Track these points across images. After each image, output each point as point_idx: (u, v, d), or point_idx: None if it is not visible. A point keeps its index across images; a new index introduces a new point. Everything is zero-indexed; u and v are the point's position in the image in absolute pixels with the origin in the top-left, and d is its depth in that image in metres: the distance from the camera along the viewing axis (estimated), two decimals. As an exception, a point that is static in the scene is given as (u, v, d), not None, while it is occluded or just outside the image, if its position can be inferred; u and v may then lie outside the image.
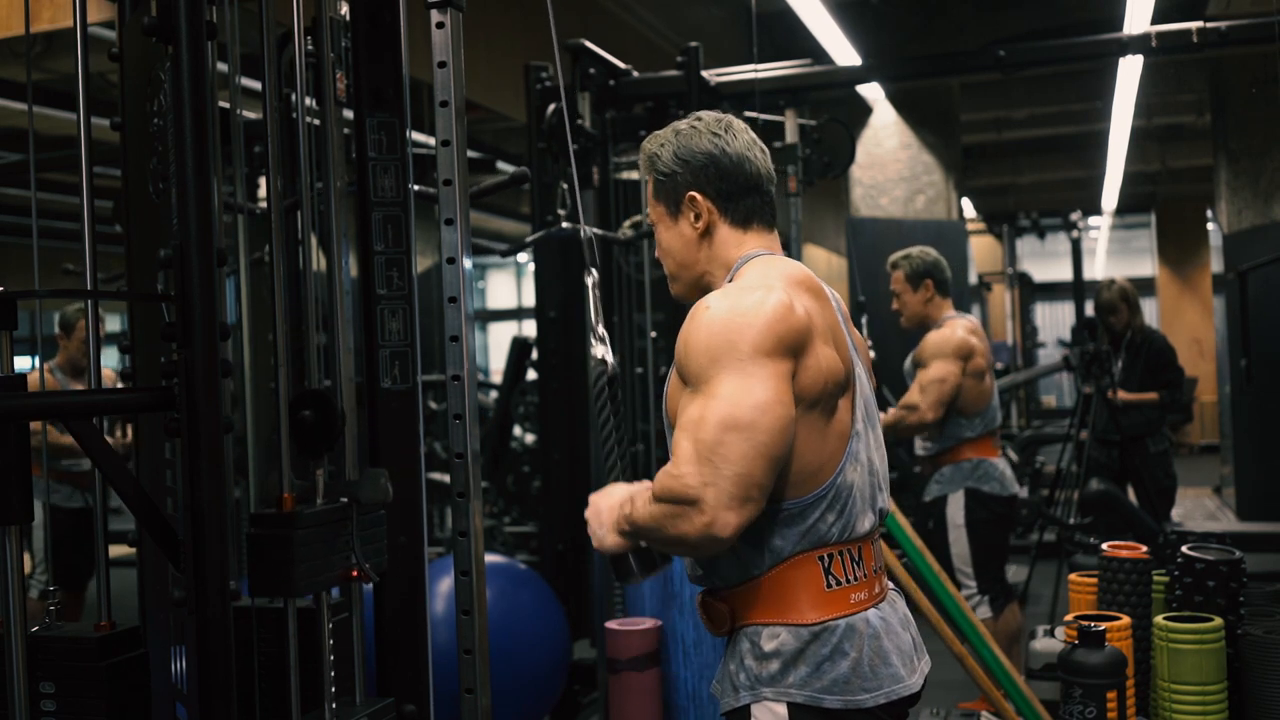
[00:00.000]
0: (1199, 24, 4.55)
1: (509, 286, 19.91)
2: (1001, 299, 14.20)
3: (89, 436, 1.45)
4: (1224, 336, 7.95)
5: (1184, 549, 2.62)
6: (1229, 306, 7.25)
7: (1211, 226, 8.46)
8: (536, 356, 4.94)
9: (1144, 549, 2.70)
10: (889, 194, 8.45)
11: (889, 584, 1.67)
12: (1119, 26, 5.70)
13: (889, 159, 8.48)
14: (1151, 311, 14.22)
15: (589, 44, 4.45)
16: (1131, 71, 7.48)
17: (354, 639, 1.82)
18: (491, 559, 3.65)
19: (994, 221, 14.31)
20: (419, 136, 2.84)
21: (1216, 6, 5.97)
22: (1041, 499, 6.33)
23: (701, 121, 1.71)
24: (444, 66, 1.92)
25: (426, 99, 2.02)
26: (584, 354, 3.94)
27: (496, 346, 17.74)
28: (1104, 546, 2.72)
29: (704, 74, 4.59)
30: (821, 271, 13.79)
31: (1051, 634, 2.84)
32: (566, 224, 3.76)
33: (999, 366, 11.35)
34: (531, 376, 6.27)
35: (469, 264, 1.95)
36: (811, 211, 9.78)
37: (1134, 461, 5.22)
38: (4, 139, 7.05)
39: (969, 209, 13.53)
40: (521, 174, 3.29)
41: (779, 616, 1.55)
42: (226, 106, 1.81)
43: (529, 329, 10.70)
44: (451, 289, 1.93)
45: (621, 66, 4.58)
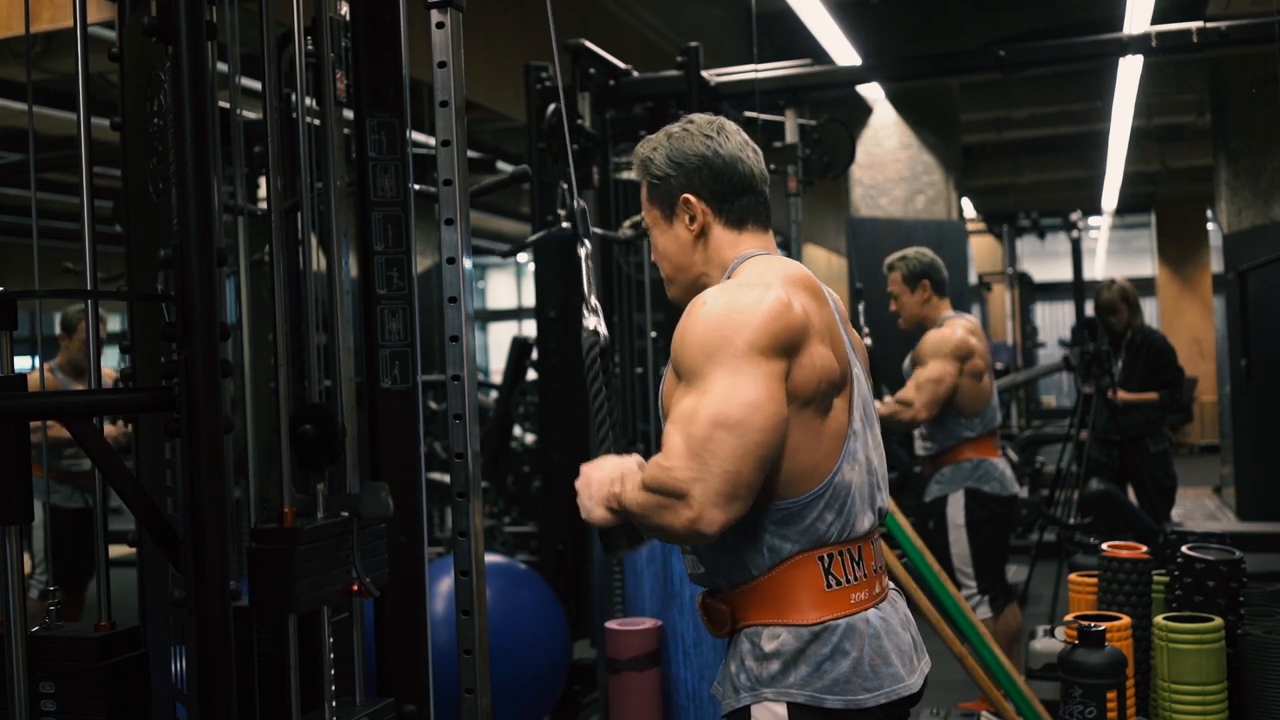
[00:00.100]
0: (1199, 24, 4.55)
1: (509, 286, 19.91)
2: (1001, 299, 14.20)
3: (89, 436, 1.45)
4: (1224, 336, 7.95)
5: (1184, 549, 2.61)
6: (1229, 306, 7.25)
7: (1211, 226, 8.46)
8: (536, 356, 4.94)
9: (1144, 549, 2.70)
10: (889, 194, 8.45)
11: (889, 584, 1.67)
12: (1119, 26, 5.69)
13: (889, 159, 8.48)
14: (1151, 311, 14.22)
15: (589, 44, 4.45)
16: (1131, 71, 7.48)
17: (354, 639, 1.82)
18: (491, 559, 3.65)
19: (994, 221, 14.30)
20: (419, 136, 2.84)
21: (1216, 6, 5.97)
22: (1041, 499, 6.33)
23: (694, 124, 1.71)
24: (444, 66, 1.92)
25: (426, 99, 2.02)
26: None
27: (496, 346, 17.74)
28: (1104, 546, 2.72)
29: (704, 74, 4.59)
30: (821, 271, 13.77)
31: (1051, 634, 2.84)
32: (566, 224, 3.76)
33: (999, 366, 11.35)
34: (531, 376, 6.27)
35: (469, 264, 1.95)
36: (811, 211, 9.78)
37: (1134, 461, 5.22)
38: (4, 139, 7.05)
39: (969, 209, 13.53)
40: (522, 172, 3.29)
41: (779, 617, 1.55)
42: (226, 106, 1.81)
43: (529, 329, 10.70)
44: (451, 289, 1.93)
45: (621, 66, 4.57)
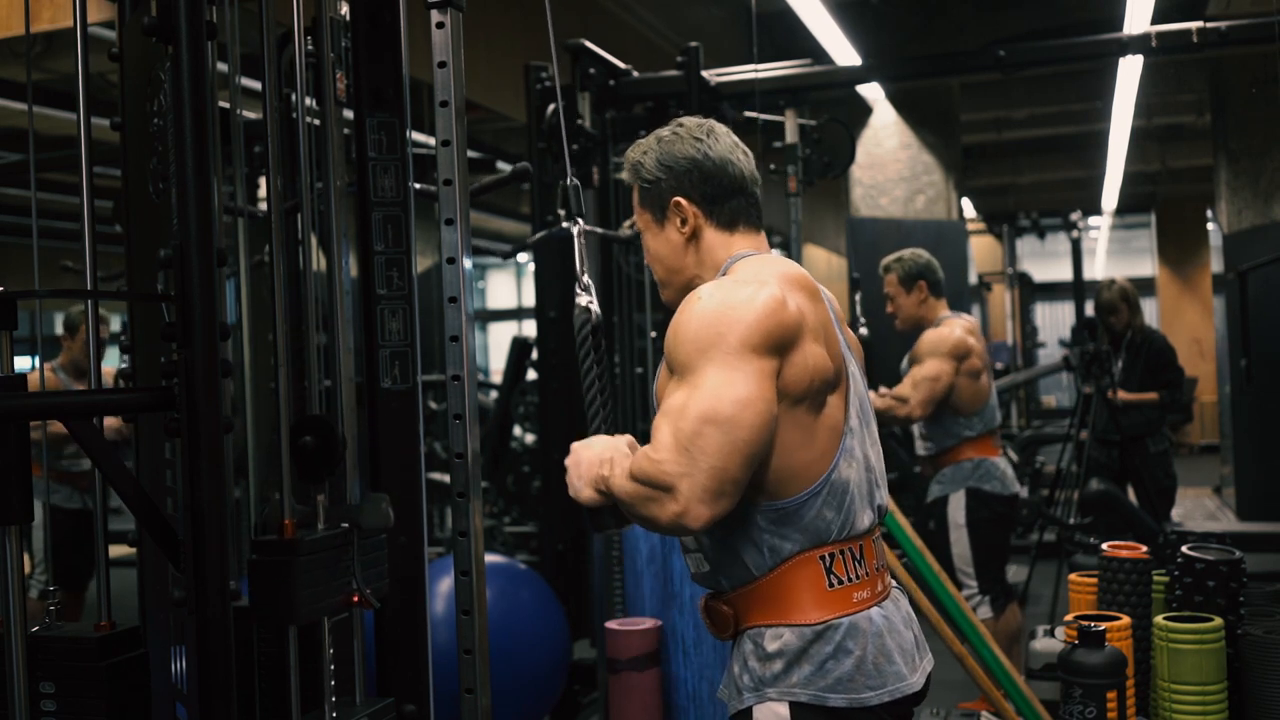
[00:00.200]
0: (1199, 24, 4.55)
1: (509, 286, 19.91)
2: (1001, 299, 14.19)
3: (89, 437, 1.45)
4: (1224, 336, 7.95)
5: (1184, 549, 2.61)
6: (1229, 306, 7.25)
7: (1211, 226, 8.46)
8: (536, 356, 4.94)
9: (1144, 549, 2.70)
10: (889, 194, 8.45)
11: (891, 582, 1.67)
12: (1119, 26, 5.69)
13: (889, 159, 8.48)
14: (1151, 311, 14.22)
15: (589, 44, 4.45)
16: (1131, 71, 7.48)
17: (354, 639, 1.82)
18: (491, 559, 3.65)
19: (994, 221, 14.30)
20: (419, 136, 2.84)
21: (1216, 6, 5.97)
22: (1041, 499, 6.32)
23: (683, 127, 1.71)
24: (444, 66, 1.92)
25: (426, 99, 2.02)
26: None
27: (496, 346, 17.74)
28: (1104, 546, 2.72)
29: (704, 74, 4.58)
30: (821, 271, 13.72)
31: (1051, 634, 2.84)
32: (567, 224, 3.75)
33: (999, 367, 11.35)
34: (531, 376, 6.27)
35: (469, 264, 1.95)
36: (811, 211, 9.78)
37: (1134, 461, 5.21)
38: (4, 139, 7.05)
39: (969, 209, 13.53)
40: (522, 169, 3.29)
41: (782, 617, 1.55)
42: (226, 106, 1.81)
43: (529, 329, 10.70)
44: (451, 289, 1.93)
45: (621, 66, 4.57)
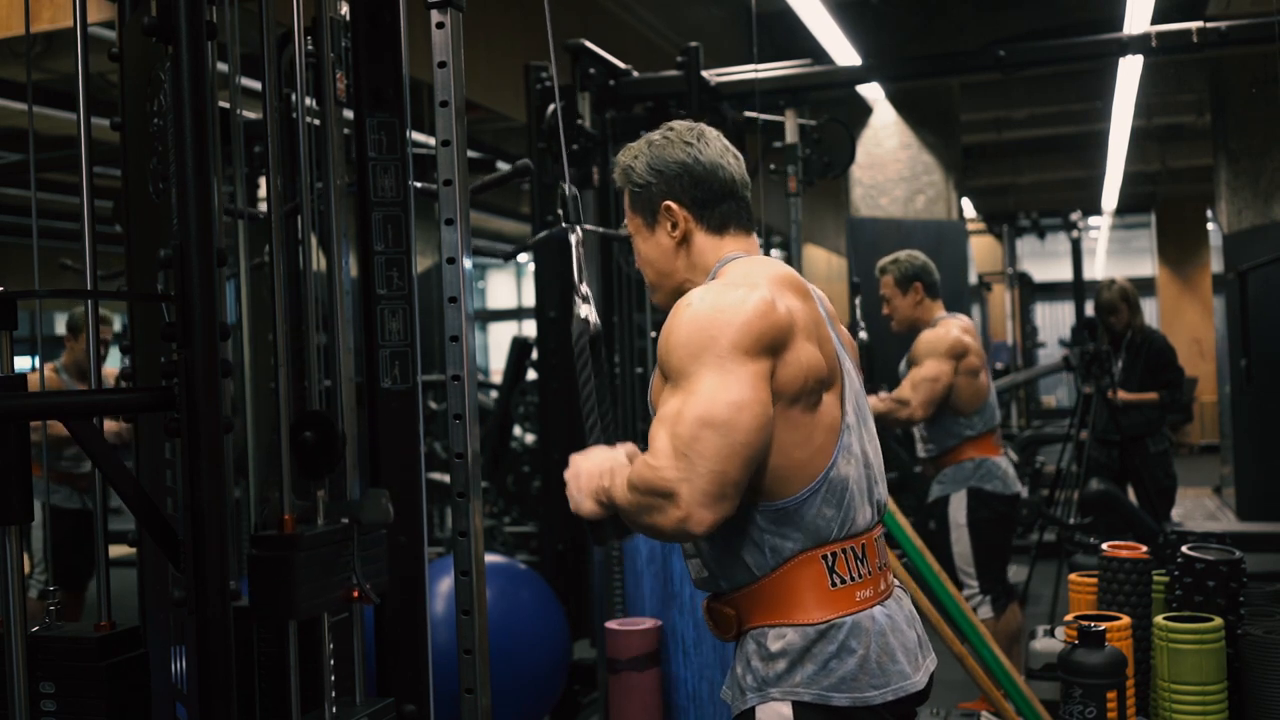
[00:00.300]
0: (1199, 24, 4.55)
1: (509, 286, 19.91)
2: (1001, 299, 14.20)
3: (89, 437, 1.45)
4: (1224, 336, 7.95)
5: (1184, 549, 2.61)
6: (1229, 306, 7.25)
7: (1211, 226, 8.46)
8: (536, 356, 4.94)
9: (1144, 549, 2.70)
10: (889, 194, 8.45)
11: (894, 581, 1.67)
12: (1119, 26, 5.69)
13: (889, 159, 8.48)
14: (1151, 311, 14.21)
15: (589, 44, 4.45)
16: (1131, 71, 7.48)
17: (354, 639, 1.82)
18: (491, 559, 3.65)
19: (994, 221, 14.31)
20: (419, 136, 2.84)
21: (1216, 6, 5.97)
22: (1041, 499, 6.32)
23: (674, 131, 1.72)
24: (444, 66, 1.92)
25: (426, 99, 2.02)
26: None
27: (496, 346, 17.74)
28: (1104, 546, 2.72)
29: (704, 74, 4.58)
30: (821, 271, 13.69)
31: (1051, 634, 2.84)
32: (567, 224, 3.75)
33: (999, 367, 11.35)
34: (531, 376, 6.27)
35: (469, 264, 1.95)
36: (811, 211, 9.77)
37: (1134, 461, 5.21)
38: (4, 139, 7.05)
39: (969, 209, 13.53)
40: (523, 166, 3.28)
41: (785, 617, 1.55)
42: (226, 106, 1.81)
43: (529, 329, 10.69)
44: (451, 289, 1.93)
45: (621, 66, 4.57)
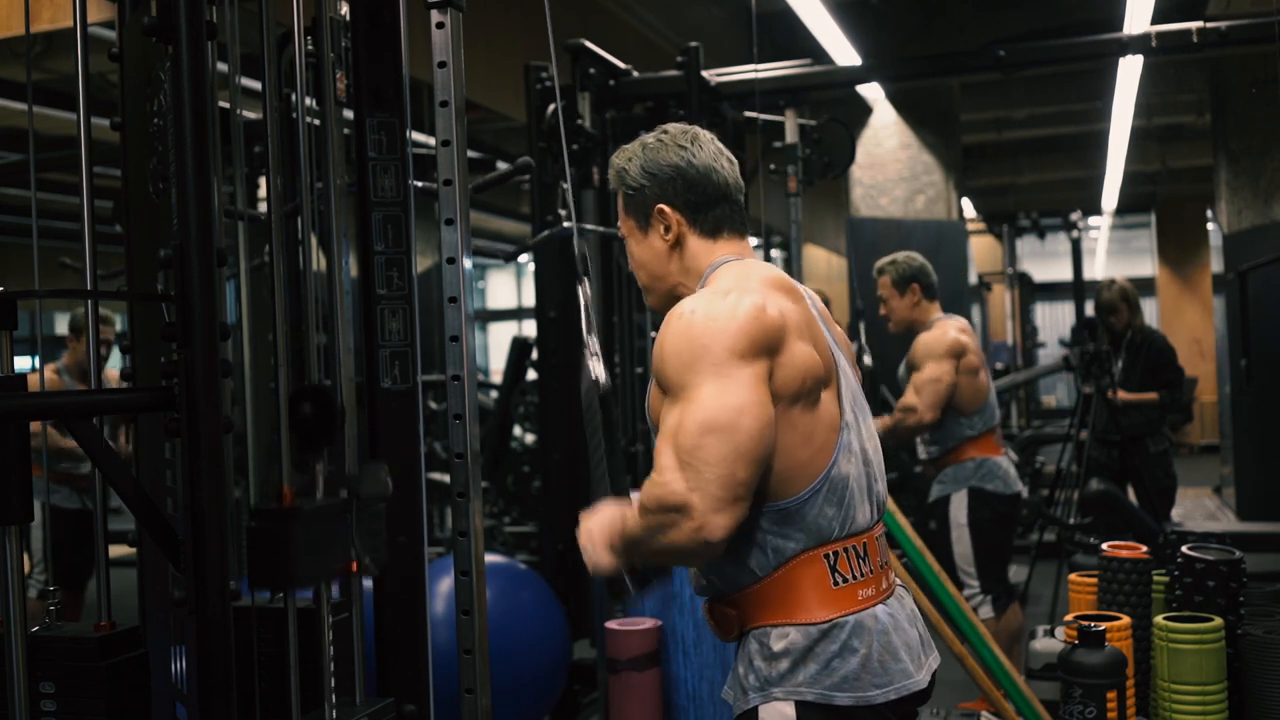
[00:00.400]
0: (1199, 24, 4.55)
1: (509, 286, 19.91)
2: (1001, 299, 14.20)
3: (89, 437, 1.45)
4: (1224, 336, 7.95)
5: (1184, 549, 2.61)
6: (1229, 306, 7.25)
7: (1211, 226, 8.46)
8: (536, 356, 4.94)
9: (1144, 549, 2.70)
10: (889, 194, 8.45)
11: (896, 580, 1.67)
12: (1119, 26, 5.69)
13: (889, 159, 8.48)
14: (1151, 311, 14.21)
15: (589, 44, 4.45)
16: (1131, 71, 7.48)
17: (354, 639, 1.82)
18: (491, 559, 3.65)
19: (994, 221, 14.31)
20: (419, 136, 2.84)
21: (1216, 6, 5.97)
22: (1041, 499, 6.32)
23: (668, 134, 1.72)
24: (444, 66, 1.92)
25: (426, 99, 2.02)
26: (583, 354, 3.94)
27: (496, 346, 17.74)
28: (1104, 546, 2.72)
29: (704, 74, 4.58)
30: (821, 271, 13.67)
31: (1051, 634, 2.84)
32: (568, 224, 3.76)
33: (999, 367, 11.35)
34: (531, 376, 6.27)
35: (469, 264, 1.95)
36: (811, 211, 9.77)
37: (1134, 461, 5.21)
38: (4, 139, 7.05)
39: (969, 209, 13.53)
40: (525, 164, 3.28)
41: (787, 616, 1.55)
42: (226, 106, 1.81)
43: (529, 329, 10.69)
44: (451, 289, 1.93)
45: (621, 66, 4.57)
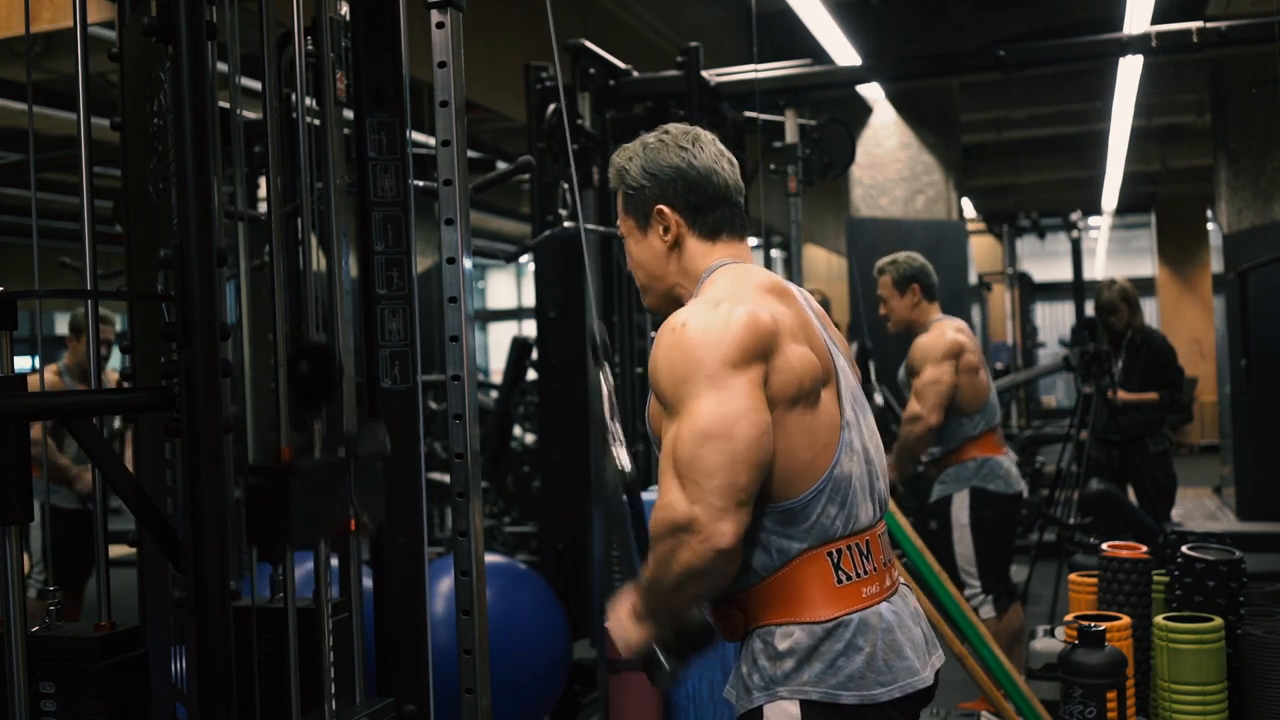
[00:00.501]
0: (1199, 24, 4.55)
1: (509, 286, 19.91)
2: (1001, 299, 14.19)
3: (89, 437, 1.45)
4: (1224, 336, 7.94)
5: (1184, 549, 2.61)
6: (1229, 306, 7.25)
7: (1211, 226, 8.46)
8: (536, 356, 4.94)
9: (1144, 549, 2.70)
10: (889, 194, 8.45)
11: (899, 578, 1.68)
12: (1119, 26, 5.69)
13: (889, 159, 8.48)
14: (1151, 311, 14.21)
15: (589, 44, 4.45)
16: (1131, 71, 7.48)
17: (354, 639, 1.82)
18: (491, 559, 3.65)
19: (994, 221, 14.31)
20: (419, 136, 2.84)
21: (1216, 6, 5.96)
22: (1041, 499, 6.32)
23: (669, 135, 1.71)
24: (444, 66, 1.92)
25: (426, 99, 2.02)
26: (583, 354, 3.94)
27: (496, 346, 17.74)
28: (1104, 546, 2.72)
29: (704, 74, 4.58)
30: (821, 271, 13.66)
31: (1051, 634, 2.84)
32: (568, 224, 3.76)
33: (999, 367, 11.35)
34: (531, 376, 6.27)
35: (469, 264, 1.95)
36: (811, 211, 9.77)
37: (1134, 461, 5.22)
38: (4, 139, 7.05)
39: (969, 209, 13.53)
40: (525, 163, 3.28)
41: (792, 615, 1.55)
42: (226, 106, 1.81)
43: (529, 329, 10.69)
44: (451, 289, 1.93)
45: (621, 66, 4.57)
